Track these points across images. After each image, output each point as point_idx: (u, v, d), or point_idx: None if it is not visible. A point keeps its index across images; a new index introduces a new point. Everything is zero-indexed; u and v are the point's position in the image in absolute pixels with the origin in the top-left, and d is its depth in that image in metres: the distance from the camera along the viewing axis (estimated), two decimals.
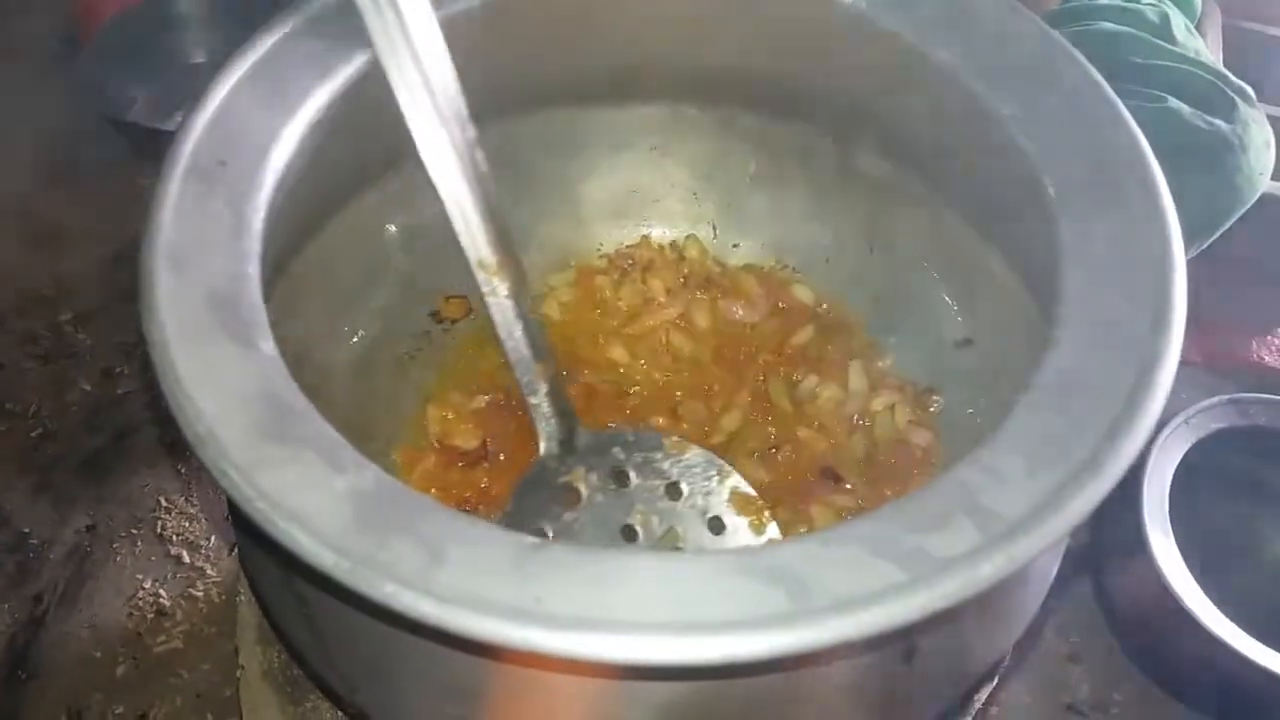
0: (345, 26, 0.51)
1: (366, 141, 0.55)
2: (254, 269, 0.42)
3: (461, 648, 0.36)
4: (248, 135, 0.46)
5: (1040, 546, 0.35)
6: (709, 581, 0.34)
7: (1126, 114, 0.48)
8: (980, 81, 0.52)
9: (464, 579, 0.34)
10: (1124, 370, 0.40)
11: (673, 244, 0.71)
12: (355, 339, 0.62)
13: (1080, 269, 0.44)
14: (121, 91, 1.04)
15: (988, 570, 0.34)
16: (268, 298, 0.42)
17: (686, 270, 0.69)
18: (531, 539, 0.36)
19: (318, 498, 0.35)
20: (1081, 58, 0.50)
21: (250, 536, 0.44)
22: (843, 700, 0.42)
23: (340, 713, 0.53)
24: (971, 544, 0.35)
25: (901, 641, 0.40)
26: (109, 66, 1.04)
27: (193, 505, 0.84)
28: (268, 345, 0.40)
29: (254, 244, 0.43)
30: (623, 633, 0.32)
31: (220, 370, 0.38)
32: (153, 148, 1.00)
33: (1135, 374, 0.40)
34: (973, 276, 0.60)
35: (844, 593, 0.34)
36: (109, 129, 1.02)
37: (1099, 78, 0.49)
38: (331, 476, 0.36)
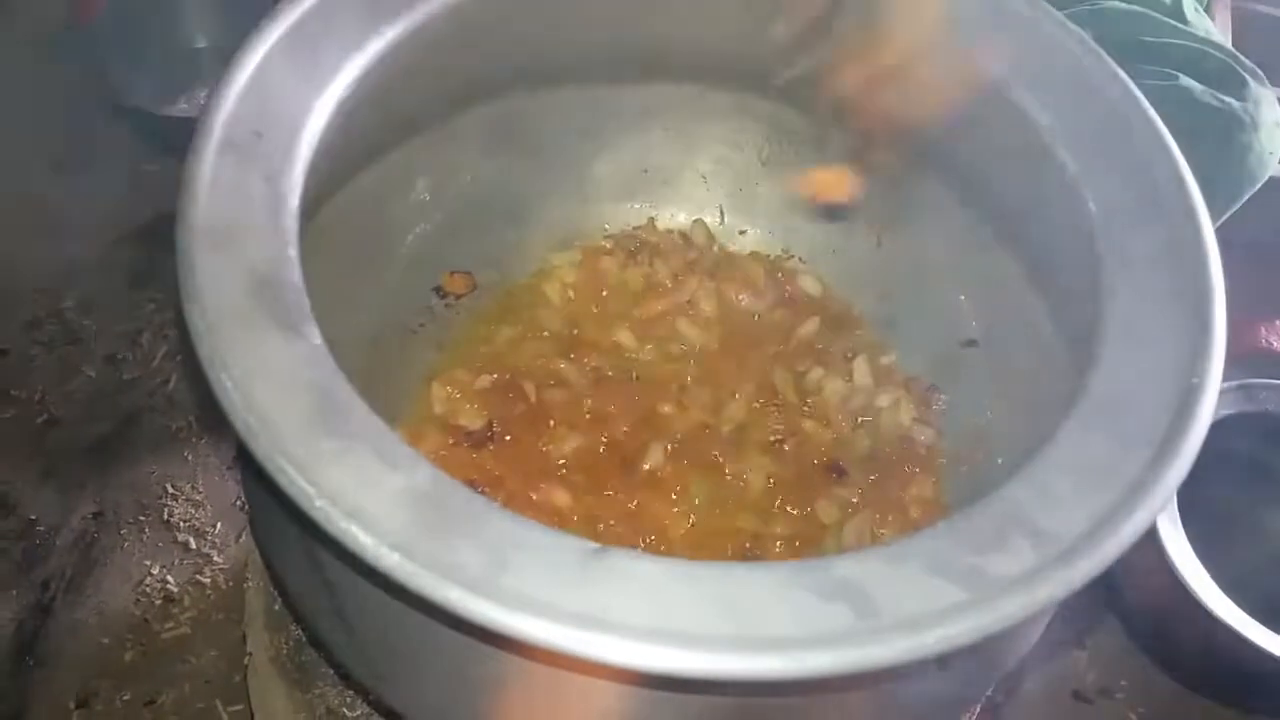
0: None
1: (389, 112, 0.54)
2: (294, 251, 0.41)
3: (510, 649, 0.36)
4: (283, 107, 0.45)
5: (1095, 570, 0.35)
6: (772, 594, 0.34)
7: (1166, 133, 0.48)
8: (1019, 87, 0.52)
9: (528, 585, 0.33)
10: (1168, 390, 0.41)
11: (680, 230, 0.70)
12: (361, 312, 0.61)
13: (1121, 286, 0.44)
14: (124, 77, 1.02)
15: (1045, 593, 0.35)
16: None
17: (693, 255, 0.69)
18: (592, 544, 0.35)
19: (376, 496, 0.35)
20: (1122, 72, 0.51)
21: (276, 523, 0.43)
22: (875, 707, 0.42)
23: (347, 698, 0.53)
24: (1028, 566, 0.35)
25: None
26: (111, 52, 1.02)
27: (199, 492, 0.83)
28: (313, 332, 0.39)
29: (292, 222, 0.42)
30: (694, 647, 0.32)
31: (267, 360, 0.37)
32: (155, 133, 0.99)
33: (1179, 395, 0.40)
34: (984, 277, 0.61)
35: (908, 611, 0.34)
36: (111, 115, 1.00)
37: (1139, 94, 0.50)
38: (387, 473, 0.35)
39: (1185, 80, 0.81)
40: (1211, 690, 0.79)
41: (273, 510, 0.42)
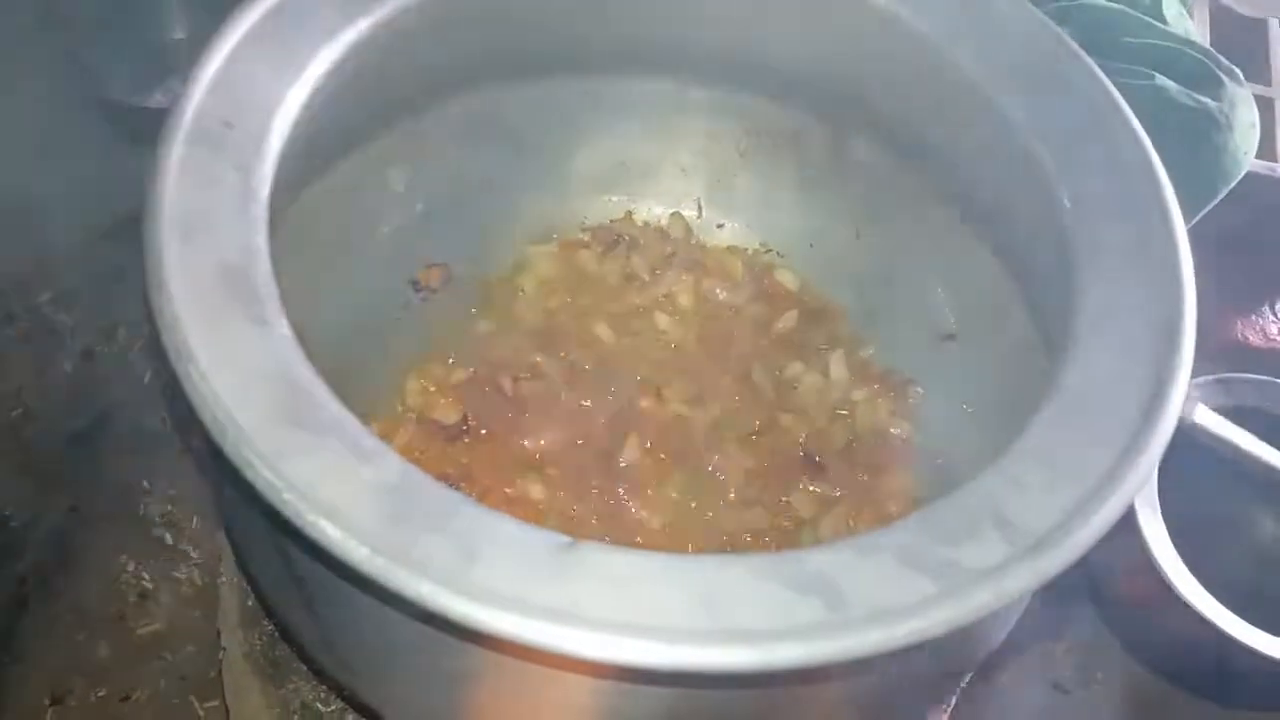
0: None
1: (364, 103, 0.53)
2: (264, 240, 0.41)
3: (481, 643, 0.36)
4: (254, 97, 0.44)
5: (1067, 561, 0.36)
6: (744, 586, 0.34)
7: (1139, 128, 0.49)
8: (993, 83, 0.52)
9: (499, 579, 0.33)
10: (1138, 384, 0.41)
11: (658, 223, 0.70)
12: (335, 305, 0.60)
13: (1093, 280, 0.45)
14: (101, 68, 1.00)
15: (1015, 585, 0.35)
16: None
17: (670, 249, 0.69)
18: (563, 538, 0.35)
19: (345, 490, 0.34)
20: (1100, 72, 0.51)
21: (246, 518, 0.43)
22: (848, 699, 0.42)
23: (321, 694, 0.52)
24: (1000, 557, 0.35)
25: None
26: (88, 43, 1.00)
27: (174, 487, 0.82)
28: (282, 324, 0.38)
29: (262, 212, 0.42)
30: (665, 640, 0.32)
31: (235, 351, 0.37)
32: (133, 125, 0.97)
33: (1150, 387, 0.41)
34: (961, 271, 0.61)
35: (879, 603, 0.34)
36: (88, 106, 0.98)
37: (1116, 93, 0.50)
38: (356, 466, 0.35)
39: (1161, 80, 0.82)
40: (1190, 683, 0.79)
41: (242, 505, 0.42)
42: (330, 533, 0.33)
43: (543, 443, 0.60)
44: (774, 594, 0.34)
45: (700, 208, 0.71)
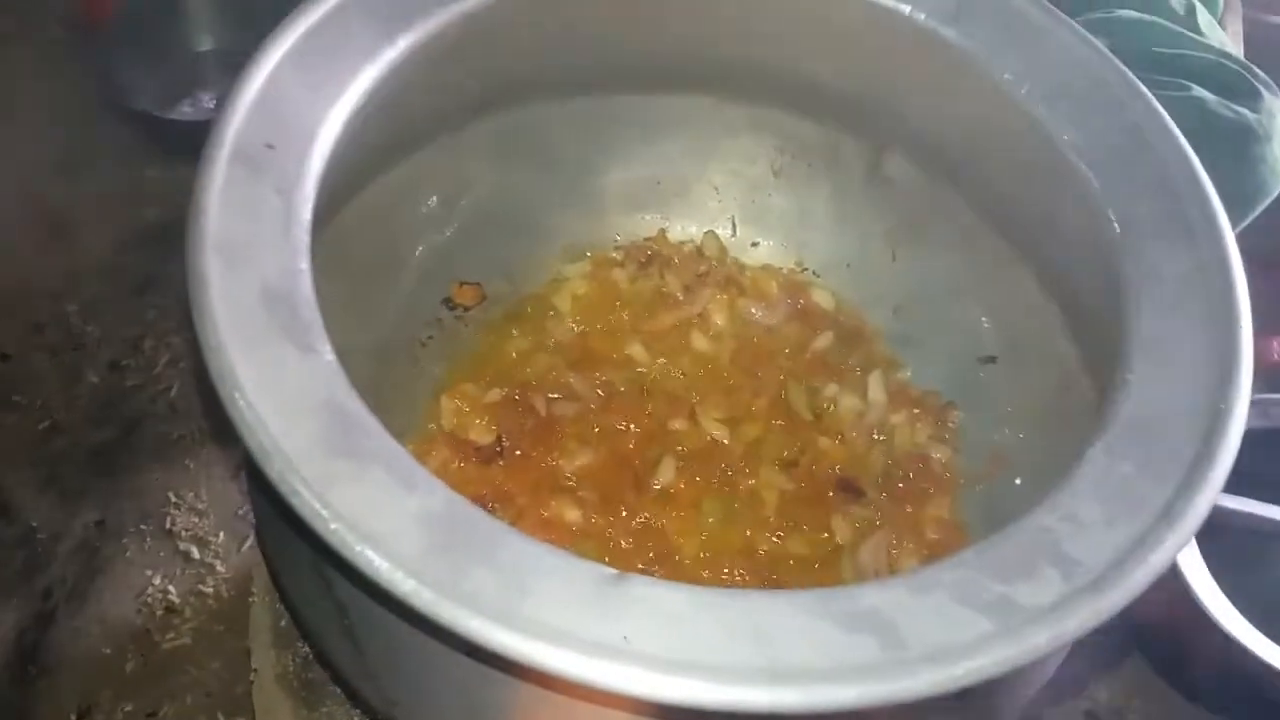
0: (385, 6, 0.49)
1: (401, 122, 0.53)
2: (306, 264, 0.40)
3: (527, 677, 0.35)
4: (295, 118, 0.44)
5: (1125, 599, 0.35)
6: (795, 623, 0.34)
7: (1187, 147, 0.48)
8: (1036, 101, 0.52)
9: (548, 613, 0.33)
10: (1195, 414, 0.40)
11: (692, 241, 0.69)
12: (369, 325, 0.60)
13: (1145, 305, 0.44)
14: (129, 80, 1.00)
15: (1074, 624, 0.34)
16: None
17: (704, 267, 0.68)
18: (610, 570, 0.34)
19: (390, 519, 0.34)
20: (1143, 87, 0.50)
21: (286, 543, 0.42)
22: None
23: (354, 717, 0.52)
24: (1057, 595, 0.35)
25: None
26: (116, 55, 1.00)
27: (201, 501, 0.81)
28: (326, 349, 0.38)
29: (304, 235, 0.41)
30: (717, 679, 0.32)
31: (280, 377, 0.36)
32: (158, 137, 0.98)
33: (1207, 419, 0.40)
34: (1001, 293, 0.60)
35: (935, 642, 0.33)
36: (116, 118, 0.98)
37: (1161, 109, 0.49)
38: (402, 495, 0.35)
39: (1198, 91, 0.80)
40: (1226, 710, 0.78)
41: (282, 528, 0.41)
42: (377, 563, 0.32)
43: (576, 464, 0.59)
44: (826, 632, 0.33)
45: (735, 226, 0.71)
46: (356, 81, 0.47)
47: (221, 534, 0.81)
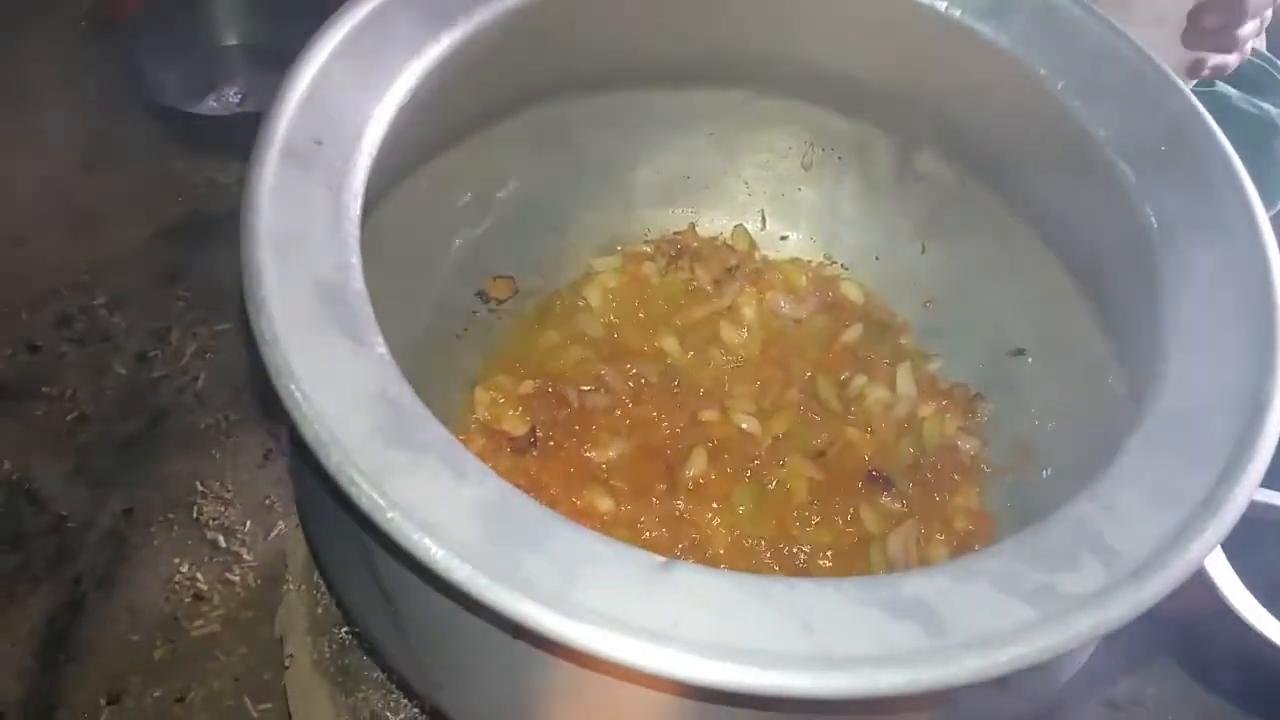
0: (430, 2, 0.49)
1: (443, 117, 0.54)
2: (356, 258, 0.41)
3: (575, 660, 0.36)
4: (343, 114, 0.44)
5: (1167, 588, 0.35)
6: (840, 610, 0.34)
7: (1228, 145, 0.48)
8: (1069, 94, 0.52)
9: (598, 599, 0.33)
10: (1233, 407, 0.40)
11: (721, 235, 0.70)
12: (404, 317, 0.61)
13: (1183, 299, 0.44)
14: (154, 74, 1.02)
15: (1116, 613, 0.35)
16: None
17: (734, 261, 0.69)
18: (657, 558, 0.35)
19: (445, 508, 0.34)
20: (1180, 82, 0.50)
21: (332, 530, 0.43)
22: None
23: (391, 702, 0.53)
24: (1099, 584, 0.35)
25: None
26: (141, 49, 1.02)
27: (228, 490, 0.83)
28: (378, 342, 0.39)
29: (354, 229, 0.42)
30: (765, 664, 0.32)
31: (335, 369, 0.37)
32: (184, 130, 0.99)
33: (1247, 411, 0.40)
34: (1031, 285, 0.61)
35: (979, 630, 0.34)
36: (142, 112, 1.00)
37: (1199, 104, 0.49)
38: (456, 485, 0.35)
39: (1222, 86, 0.81)
40: (1246, 703, 0.78)
41: (330, 517, 0.42)
42: (433, 551, 0.33)
43: (609, 455, 0.60)
44: (872, 619, 0.34)
45: (764, 220, 0.71)
46: (402, 78, 0.47)
47: (248, 522, 0.82)
